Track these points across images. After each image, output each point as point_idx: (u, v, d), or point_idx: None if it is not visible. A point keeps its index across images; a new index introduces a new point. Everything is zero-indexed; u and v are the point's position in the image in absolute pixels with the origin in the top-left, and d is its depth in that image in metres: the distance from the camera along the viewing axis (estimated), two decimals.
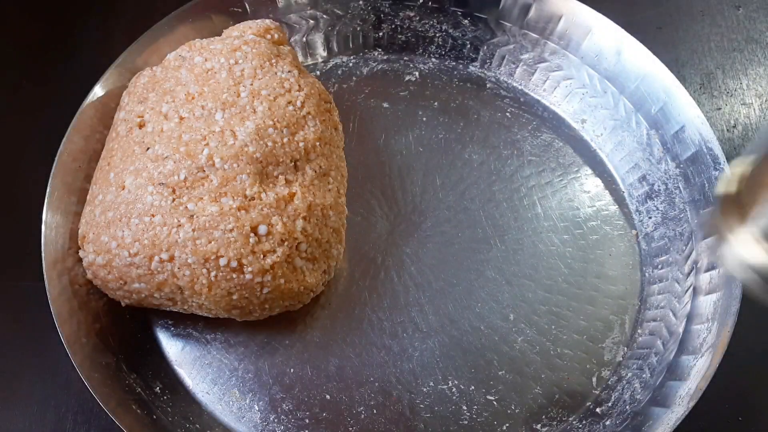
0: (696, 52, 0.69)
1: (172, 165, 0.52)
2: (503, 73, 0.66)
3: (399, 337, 0.56)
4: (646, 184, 0.60)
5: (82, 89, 0.60)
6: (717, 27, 0.70)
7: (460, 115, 0.64)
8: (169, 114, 0.55)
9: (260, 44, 0.58)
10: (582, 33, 0.64)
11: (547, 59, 0.65)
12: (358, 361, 0.56)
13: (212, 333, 0.57)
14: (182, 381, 0.55)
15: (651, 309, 0.57)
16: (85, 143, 0.59)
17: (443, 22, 0.67)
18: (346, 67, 0.66)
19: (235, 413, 0.54)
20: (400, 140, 0.63)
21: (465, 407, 0.54)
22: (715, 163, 0.58)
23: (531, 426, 0.53)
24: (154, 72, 0.58)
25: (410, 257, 0.59)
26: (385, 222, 0.60)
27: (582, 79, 0.64)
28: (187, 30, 0.63)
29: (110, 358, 0.54)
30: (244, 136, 0.53)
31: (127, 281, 0.52)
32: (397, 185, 0.61)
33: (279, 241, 0.52)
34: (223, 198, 0.52)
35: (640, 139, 0.61)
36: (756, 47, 0.69)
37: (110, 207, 0.53)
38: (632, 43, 0.62)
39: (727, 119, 0.66)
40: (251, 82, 0.56)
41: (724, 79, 0.68)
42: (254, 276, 0.51)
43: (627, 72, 0.62)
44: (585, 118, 0.64)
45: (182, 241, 0.51)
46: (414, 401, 0.54)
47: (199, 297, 0.52)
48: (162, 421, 0.53)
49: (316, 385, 0.55)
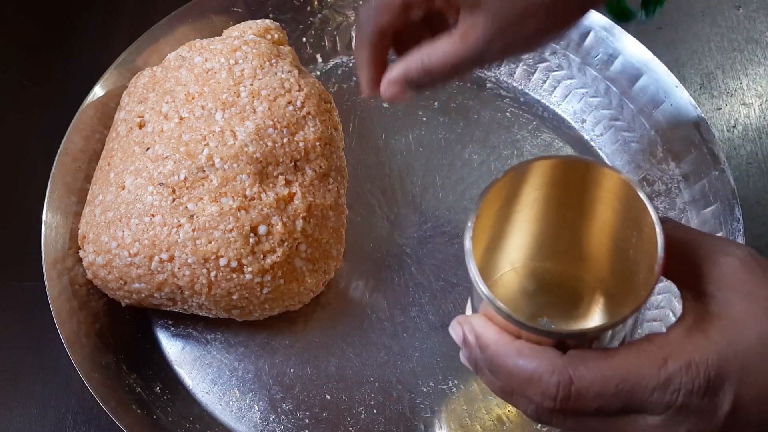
0: (696, 52, 0.69)
1: (172, 165, 0.52)
2: (503, 73, 0.66)
3: (399, 337, 0.56)
4: (646, 184, 0.60)
5: (82, 89, 0.60)
6: (717, 27, 0.70)
7: (460, 115, 0.64)
8: (169, 114, 0.55)
9: (260, 44, 0.58)
10: (582, 33, 0.64)
11: (547, 59, 0.65)
12: (358, 361, 0.56)
13: (212, 333, 0.57)
14: (182, 381, 0.55)
15: (651, 309, 0.57)
16: (85, 143, 0.59)
17: None
18: (346, 67, 0.66)
19: (235, 413, 0.54)
20: (400, 140, 0.63)
21: (465, 407, 0.54)
22: (715, 163, 0.58)
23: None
24: (154, 72, 0.58)
25: (410, 257, 0.59)
26: (385, 222, 0.60)
27: (582, 79, 0.64)
28: (187, 30, 0.63)
29: (110, 358, 0.54)
30: (244, 136, 0.53)
31: (127, 281, 0.52)
32: (397, 185, 0.61)
33: (279, 242, 0.52)
34: (223, 198, 0.52)
35: (641, 140, 0.61)
36: (756, 47, 0.69)
37: (110, 207, 0.53)
38: (632, 43, 0.62)
39: (727, 119, 0.66)
40: (251, 82, 0.56)
41: (724, 79, 0.68)
42: (254, 276, 0.51)
43: (627, 72, 0.62)
44: (585, 118, 0.64)
45: (182, 241, 0.51)
46: (414, 401, 0.54)
47: (199, 297, 0.52)
48: (162, 421, 0.53)
49: (316, 385, 0.55)
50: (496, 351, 0.37)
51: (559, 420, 0.37)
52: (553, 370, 0.35)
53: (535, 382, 0.36)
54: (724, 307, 0.36)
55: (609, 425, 0.37)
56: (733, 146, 0.65)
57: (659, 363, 0.35)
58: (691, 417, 0.35)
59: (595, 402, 0.35)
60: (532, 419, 0.38)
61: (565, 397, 0.35)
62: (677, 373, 0.35)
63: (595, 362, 0.35)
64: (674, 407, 0.35)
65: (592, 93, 0.64)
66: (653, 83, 0.61)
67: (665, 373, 0.35)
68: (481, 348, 0.38)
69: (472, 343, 0.39)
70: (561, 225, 0.44)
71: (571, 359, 0.35)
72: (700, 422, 0.35)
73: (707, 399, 0.35)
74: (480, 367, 0.39)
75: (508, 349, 0.37)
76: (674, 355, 0.35)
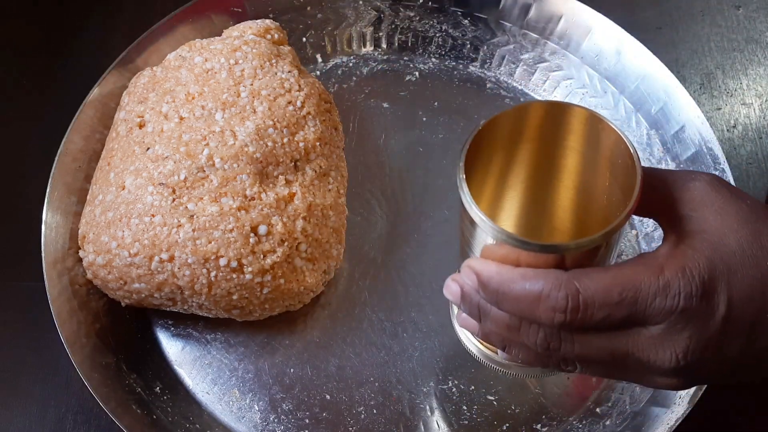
0: (696, 52, 0.69)
1: (172, 165, 0.52)
2: (503, 73, 0.66)
3: (399, 337, 0.56)
4: None
5: (82, 89, 0.60)
6: (717, 27, 0.70)
7: (460, 115, 0.64)
8: (169, 114, 0.55)
9: (260, 44, 0.58)
10: (582, 33, 0.64)
11: (547, 59, 0.65)
12: (358, 361, 0.56)
13: (212, 333, 0.57)
14: (182, 381, 0.55)
15: None
16: (85, 143, 0.59)
17: (443, 22, 0.67)
18: (346, 67, 0.66)
19: (235, 413, 0.54)
20: (400, 140, 0.63)
21: (465, 407, 0.54)
22: (715, 163, 0.58)
23: (531, 426, 0.53)
24: (154, 72, 0.58)
25: (410, 257, 0.59)
26: (385, 222, 0.60)
27: (582, 79, 0.64)
28: (187, 30, 0.63)
29: (110, 358, 0.54)
30: (244, 136, 0.53)
31: (127, 281, 0.52)
32: (397, 185, 0.61)
33: (279, 241, 0.52)
34: (223, 198, 0.52)
35: (640, 139, 0.61)
36: (756, 47, 0.69)
37: (110, 207, 0.53)
38: (632, 43, 0.62)
39: (727, 119, 0.66)
40: (251, 82, 0.56)
41: (724, 79, 0.68)
42: (254, 276, 0.51)
43: (627, 72, 0.62)
44: None
45: (182, 241, 0.51)
46: (414, 401, 0.54)
47: (199, 297, 0.52)
48: (162, 421, 0.53)
49: (316, 385, 0.55)
50: (500, 281, 0.38)
51: (568, 343, 0.38)
52: (560, 285, 0.37)
53: (544, 300, 0.37)
54: (702, 223, 0.38)
55: (614, 342, 0.38)
56: (733, 146, 0.65)
57: (657, 271, 0.37)
58: (691, 322, 0.37)
59: (601, 311, 0.37)
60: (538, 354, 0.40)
61: (574, 307, 0.37)
62: (675, 278, 0.36)
63: (597, 274, 0.37)
64: (676, 312, 0.36)
65: (592, 93, 0.64)
66: (653, 83, 0.61)
67: (663, 279, 0.36)
68: (483, 285, 0.39)
69: (471, 288, 0.40)
70: (535, 197, 0.46)
71: (574, 274, 0.37)
72: (701, 327, 0.37)
73: (705, 302, 0.37)
74: (484, 311, 0.40)
75: (512, 275, 0.38)
76: (669, 264, 0.37)
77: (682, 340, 0.37)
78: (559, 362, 0.40)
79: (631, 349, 0.38)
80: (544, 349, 0.39)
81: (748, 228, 0.38)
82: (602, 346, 0.38)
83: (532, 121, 0.42)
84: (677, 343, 0.37)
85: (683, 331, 0.37)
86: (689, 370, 0.38)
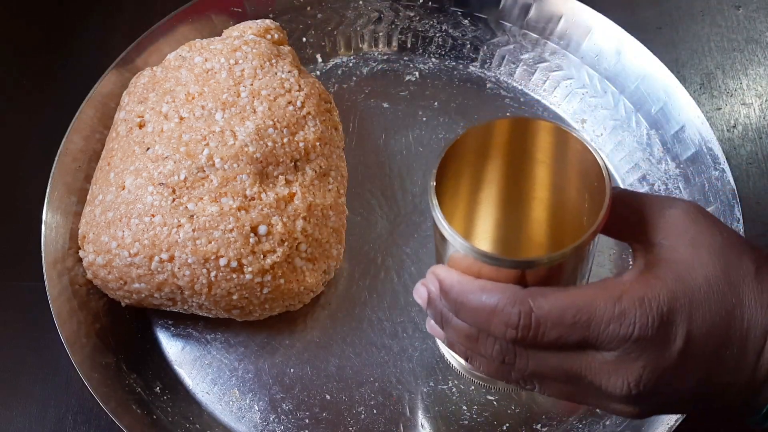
0: (696, 52, 0.69)
1: (172, 165, 0.52)
2: (503, 73, 0.66)
3: (399, 337, 0.56)
4: (646, 184, 0.60)
5: (82, 89, 0.60)
6: (717, 27, 0.70)
7: (460, 115, 0.64)
8: (169, 114, 0.55)
9: (260, 44, 0.58)
10: (582, 33, 0.64)
11: (547, 59, 0.65)
12: (358, 361, 0.56)
13: (212, 333, 0.57)
14: (182, 381, 0.55)
15: None
16: (85, 143, 0.59)
17: (443, 22, 0.67)
18: (346, 67, 0.66)
19: (235, 413, 0.54)
20: (400, 140, 0.63)
21: (465, 407, 0.54)
22: (715, 163, 0.58)
23: (531, 426, 0.53)
24: (154, 72, 0.58)
25: (410, 257, 0.59)
26: (385, 222, 0.60)
27: (582, 79, 0.64)
28: (187, 30, 0.63)
29: (110, 358, 0.54)
30: (244, 136, 0.53)
31: (127, 281, 0.52)
32: (397, 185, 0.61)
33: (279, 241, 0.52)
34: (223, 198, 0.52)
35: (640, 139, 0.61)
36: (756, 47, 0.69)
37: (110, 207, 0.53)
38: (632, 43, 0.62)
39: (727, 119, 0.66)
40: (251, 82, 0.56)
41: (724, 79, 0.68)
42: (254, 276, 0.51)
43: (627, 72, 0.62)
44: (585, 118, 0.64)
45: (182, 241, 0.51)
46: (414, 401, 0.54)
47: (199, 297, 0.52)
48: (162, 421, 0.53)
49: (316, 385, 0.55)
50: (460, 290, 0.39)
51: (522, 358, 0.38)
52: (515, 301, 0.37)
53: (498, 314, 0.37)
54: (672, 252, 0.38)
55: (568, 362, 0.38)
56: (733, 146, 0.65)
57: (614, 298, 0.36)
58: (645, 352, 0.36)
59: (554, 331, 0.37)
60: (497, 367, 0.40)
61: (525, 325, 0.37)
62: (631, 307, 0.36)
63: (553, 294, 0.37)
64: (630, 341, 0.36)
65: (592, 93, 0.64)
66: (653, 83, 0.61)
67: (620, 307, 0.36)
68: (445, 292, 0.39)
69: (435, 295, 0.40)
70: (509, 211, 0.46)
71: (530, 292, 0.37)
72: (655, 357, 0.36)
73: (661, 333, 0.36)
74: (446, 318, 0.41)
75: (471, 287, 0.39)
76: (628, 292, 0.37)
77: (636, 369, 0.37)
78: (518, 379, 0.40)
79: (584, 372, 0.38)
80: (500, 362, 0.39)
81: (718, 262, 0.37)
82: (556, 366, 0.38)
83: (500, 137, 0.42)
84: (630, 372, 0.37)
85: (637, 360, 0.36)
86: (643, 399, 0.38)
